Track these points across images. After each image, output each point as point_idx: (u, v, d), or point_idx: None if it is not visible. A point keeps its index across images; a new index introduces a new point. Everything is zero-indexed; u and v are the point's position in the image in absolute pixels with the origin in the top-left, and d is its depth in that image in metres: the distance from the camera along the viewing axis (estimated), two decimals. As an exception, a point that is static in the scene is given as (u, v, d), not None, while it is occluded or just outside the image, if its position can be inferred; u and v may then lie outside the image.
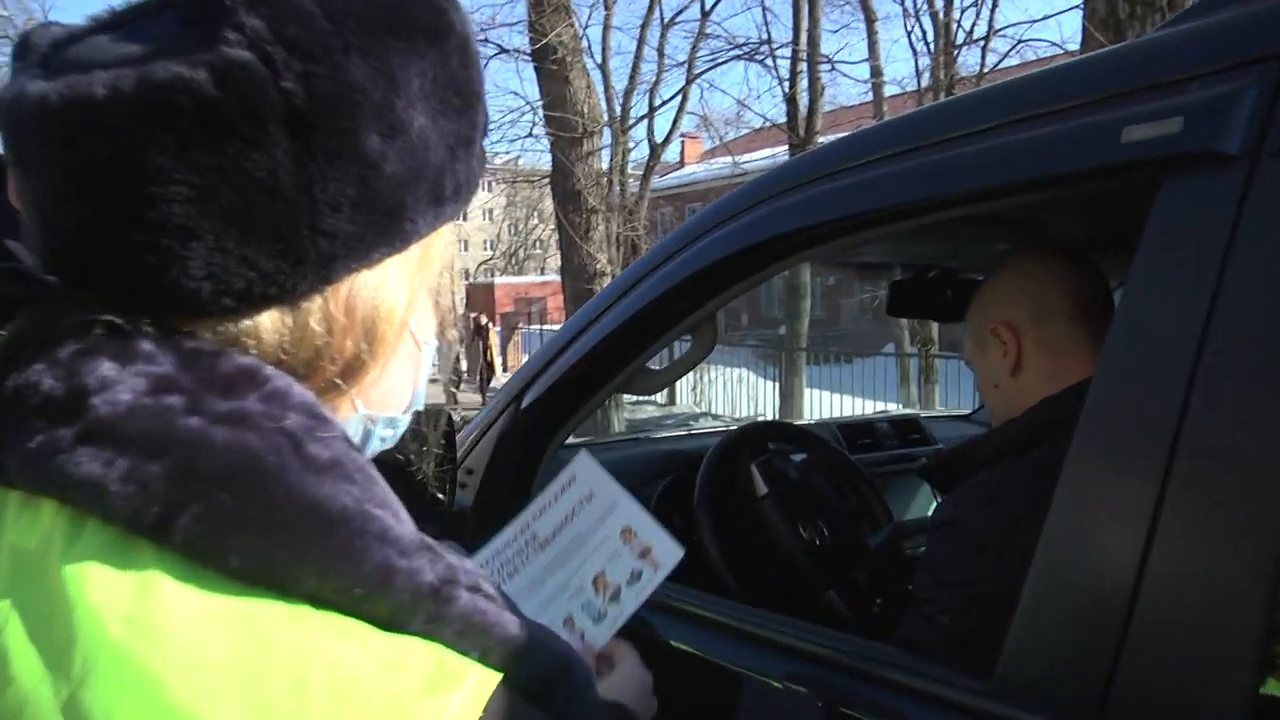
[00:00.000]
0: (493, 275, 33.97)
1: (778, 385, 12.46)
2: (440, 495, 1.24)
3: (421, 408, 0.72)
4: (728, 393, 12.81)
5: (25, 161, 0.53)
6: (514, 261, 36.39)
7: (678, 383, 12.61)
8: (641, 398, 10.51)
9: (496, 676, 0.54)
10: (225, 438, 0.51)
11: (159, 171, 0.50)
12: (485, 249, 44.53)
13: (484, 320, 17.84)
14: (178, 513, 0.49)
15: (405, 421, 0.70)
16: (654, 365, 1.67)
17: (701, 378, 12.77)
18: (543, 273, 30.23)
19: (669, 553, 1.14)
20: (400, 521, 0.56)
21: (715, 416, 12.44)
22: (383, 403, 0.66)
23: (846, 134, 1.35)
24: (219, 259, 0.52)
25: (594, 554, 1.17)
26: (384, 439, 0.69)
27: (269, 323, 0.56)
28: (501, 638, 0.57)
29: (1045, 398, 1.29)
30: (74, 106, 0.50)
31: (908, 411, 4.12)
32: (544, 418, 1.70)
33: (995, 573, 1.09)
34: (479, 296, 25.78)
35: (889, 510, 2.04)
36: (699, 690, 1.27)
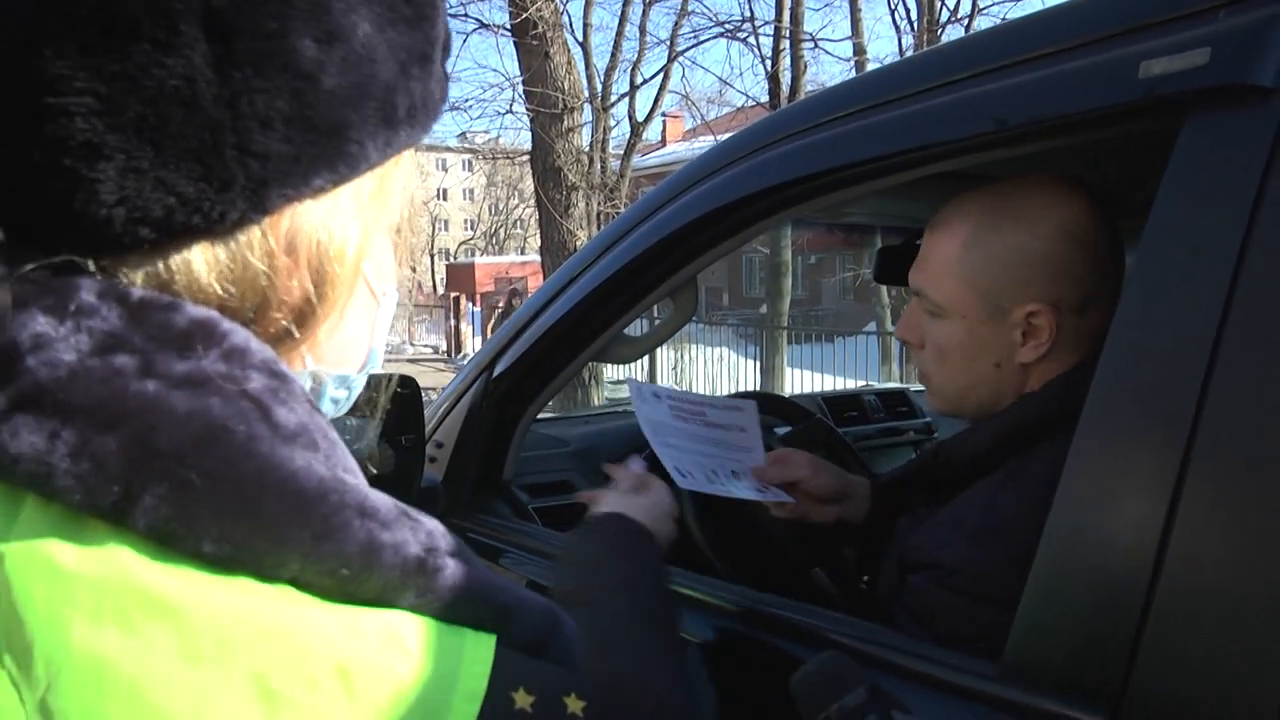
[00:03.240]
0: (473, 255, 33.83)
1: (759, 364, 12.42)
2: (373, 470, 1.18)
3: (379, 370, 0.65)
4: (708, 371, 12.76)
5: None
6: (494, 241, 36.25)
7: (658, 361, 12.59)
8: (621, 377, 10.45)
9: (491, 640, 0.51)
10: (187, 405, 0.45)
11: (57, 80, 0.43)
12: (465, 229, 44.32)
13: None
14: (140, 495, 0.42)
15: (359, 383, 0.64)
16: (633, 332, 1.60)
17: (682, 356, 12.73)
18: (523, 252, 30.11)
19: (785, 498, 1.45)
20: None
21: (696, 396, 12.37)
22: (337, 358, 0.60)
23: (832, 85, 1.27)
24: (132, 182, 0.45)
25: (734, 459, 1.46)
26: (336, 401, 0.62)
27: (202, 259, 0.49)
28: (492, 605, 0.53)
29: (1039, 388, 1.10)
30: None
31: (894, 384, 4.07)
32: (516, 388, 1.62)
33: (1006, 628, 0.85)
34: (459, 276, 25.63)
35: (876, 485, 1.97)
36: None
